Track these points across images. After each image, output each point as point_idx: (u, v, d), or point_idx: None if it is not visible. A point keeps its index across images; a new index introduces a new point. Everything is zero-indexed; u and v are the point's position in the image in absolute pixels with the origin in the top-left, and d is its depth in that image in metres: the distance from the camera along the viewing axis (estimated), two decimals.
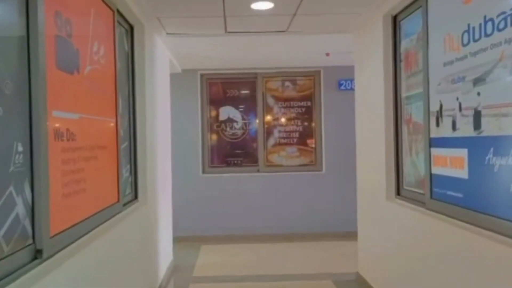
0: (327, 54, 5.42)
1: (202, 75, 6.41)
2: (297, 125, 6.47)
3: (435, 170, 2.81)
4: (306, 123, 6.48)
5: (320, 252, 5.74)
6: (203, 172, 6.38)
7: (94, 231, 2.37)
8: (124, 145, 3.31)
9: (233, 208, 6.30)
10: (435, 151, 2.82)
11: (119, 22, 3.16)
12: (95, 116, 2.52)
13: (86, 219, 2.32)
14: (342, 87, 6.28)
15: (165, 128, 4.95)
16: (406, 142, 3.34)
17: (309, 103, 6.45)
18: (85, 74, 2.35)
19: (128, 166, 3.46)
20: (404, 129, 3.36)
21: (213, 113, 6.48)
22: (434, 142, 2.83)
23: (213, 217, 6.30)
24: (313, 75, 6.42)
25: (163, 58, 4.94)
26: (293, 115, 6.47)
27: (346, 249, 5.72)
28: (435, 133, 2.80)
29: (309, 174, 6.37)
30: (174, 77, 6.21)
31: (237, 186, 6.31)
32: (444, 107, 2.69)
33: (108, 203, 2.74)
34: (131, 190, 3.52)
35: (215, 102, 6.46)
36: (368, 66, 3.99)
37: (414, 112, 3.18)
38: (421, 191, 3.07)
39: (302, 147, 6.49)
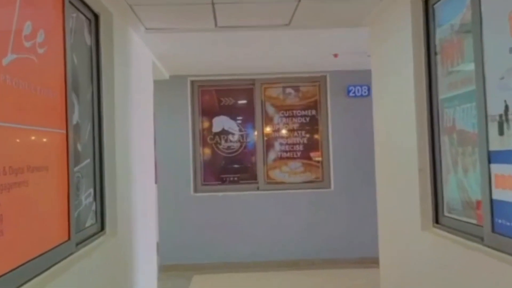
0: (335, 55, 4.71)
1: (192, 82, 5.69)
2: (301, 137, 5.73)
3: (498, 194, 2.07)
4: (311, 135, 5.74)
5: (332, 282, 4.95)
6: (195, 191, 5.62)
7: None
8: (83, 164, 2.57)
9: (230, 231, 5.53)
10: (497, 168, 2.07)
11: (74, 6, 2.44)
12: (23, 125, 1.78)
13: (3, 275, 1.57)
14: (351, 94, 5.56)
15: (146, 141, 4.20)
16: (447, 157, 2.59)
17: (314, 112, 5.72)
18: (2, 65, 1.62)
19: (91, 191, 2.71)
20: (445, 140, 2.62)
21: (206, 124, 5.74)
22: (495, 157, 2.08)
23: (207, 242, 5.51)
24: (318, 81, 5.70)
25: (144, 61, 4.22)
26: (296, 125, 5.73)
27: (362, 278, 4.93)
28: (497, 144, 2.06)
29: (316, 192, 5.61)
30: (160, 84, 5.50)
31: (234, 206, 5.55)
32: (511, 109, 1.96)
33: (49, 245, 1.98)
34: (96, 221, 2.76)
35: (208, 112, 5.73)
36: (391, 64, 3.26)
37: (459, 117, 2.44)
38: (474, 221, 2.32)
39: (307, 161, 5.74)
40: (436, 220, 2.70)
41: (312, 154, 5.74)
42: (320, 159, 5.71)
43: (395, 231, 3.28)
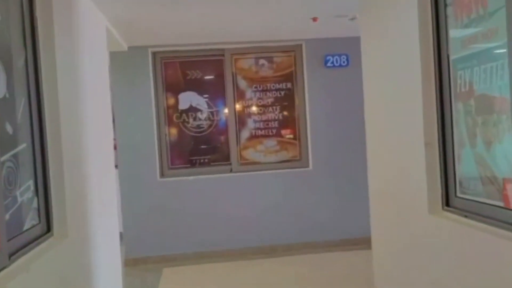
0: (314, 19, 4.23)
1: (154, 54, 5.08)
2: (276, 113, 5.27)
3: None
4: (286, 110, 5.29)
5: (316, 267, 4.60)
6: (162, 175, 5.09)
7: None
8: (17, 151, 2.01)
9: (201, 218, 5.06)
10: None
11: None
12: None
13: None
14: (329, 64, 5.13)
15: (103, 121, 3.63)
16: (462, 128, 2.20)
17: (289, 85, 5.26)
18: None
19: (30, 184, 2.16)
20: (458, 108, 2.22)
21: (171, 101, 5.17)
22: None
23: (177, 232, 5.03)
24: (293, 50, 5.23)
25: (97, 26, 3.61)
26: (270, 100, 5.26)
27: (347, 261, 4.61)
28: None
29: (293, 172, 5.20)
30: (118, 56, 4.89)
31: (205, 191, 5.07)
32: None
33: None
34: (39, 221, 2.22)
35: (173, 87, 5.16)
36: (389, 22, 2.83)
37: (479, 80, 2.04)
38: (499, 203, 1.95)
39: (282, 139, 5.31)
40: (447, 203, 2.34)
41: (286, 132, 5.30)
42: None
43: (394, 215, 2.91)
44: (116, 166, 5.07)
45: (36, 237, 2.12)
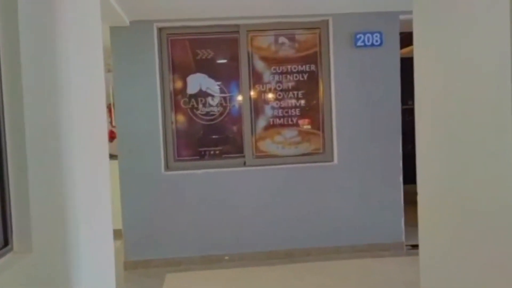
0: None
1: (160, 30, 4.47)
2: (297, 99, 4.63)
3: None
4: (310, 96, 4.65)
5: (340, 276, 3.99)
6: (167, 168, 4.51)
7: None
8: None
9: (211, 218, 4.49)
10: None
11: None
12: None
13: None
14: (360, 43, 4.45)
15: (93, 107, 3.02)
16: None
17: (313, 67, 4.60)
18: None
19: None
20: None
21: (179, 84, 4.57)
22: None
23: (183, 232, 4.47)
24: (318, 27, 4.56)
25: None
26: (291, 84, 4.62)
27: (376, 270, 3.99)
28: None
29: (316, 167, 4.57)
30: (119, 32, 4.30)
31: (216, 186, 4.48)
32: None
33: None
34: None
35: (181, 68, 4.55)
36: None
37: None
38: None
39: (304, 129, 4.67)
40: None
41: (308, 121, 4.65)
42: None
43: (459, 225, 2.27)
44: (115, 157, 4.50)
45: None
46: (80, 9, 2.76)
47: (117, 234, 4.54)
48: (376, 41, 4.44)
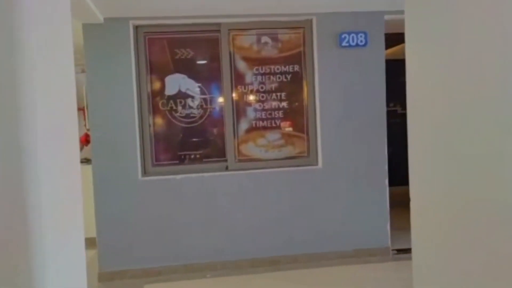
0: None
1: (136, 28, 4.25)
2: (280, 100, 4.47)
3: None
4: (293, 98, 4.49)
5: (327, 284, 3.85)
6: (144, 173, 4.29)
7: None
8: None
9: (191, 225, 4.28)
10: None
11: None
12: None
13: None
14: (345, 43, 4.33)
15: (63, 111, 2.79)
16: None
17: (297, 68, 4.46)
18: None
19: None
20: None
21: (157, 85, 4.35)
22: None
23: (161, 241, 4.25)
24: (302, 27, 4.42)
25: None
26: (274, 85, 4.46)
27: (364, 276, 3.85)
28: None
29: (300, 171, 4.42)
30: (91, 30, 4.07)
31: (197, 192, 4.28)
32: None
33: None
34: None
35: (159, 68, 4.34)
36: None
37: None
38: None
39: (288, 132, 4.52)
40: None
41: (292, 123, 4.51)
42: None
43: (456, 230, 2.13)
44: (88, 161, 4.25)
45: None
46: (47, 2, 2.53)
47: (91, 242, 4.29)
48: (361, 41, 4.32)
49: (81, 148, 5.27)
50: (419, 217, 2.53)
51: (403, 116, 7.56)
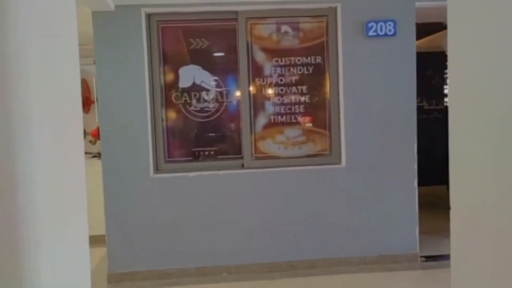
0: None
1: (149, 16, 4.02)
2: (301, 94, 4.18)
3: None
4: (315, 91, 4.20)
5: None
6: (156, 170, 4.07)
7: None
8: None
9: (205, 225, 4.05)
10: None
11: None
12: None
13: None
14: (372, 33, 4.01)
15: (65, 103, 2.58)
16: None
17: (319, 59, 4.16)
18: None
19: None
20: None
21: (170, 76, 4.12)
22: None
23: (174, 241, 4.03)
24: (325, 15, 4.11)
25: None
26: (295, 78, 4.17)
27: (388, 285, 3.55)
28: None
29: (321, 170, 4.13)
30: (102, 18, 3.85)
31: (211, 190, 4.04)
32: None
33: None
34: None
35: (173, 59, 4.10)
36: None
37: None
38: None
39: (309, 128, 4.23)
40: None
41: (313, 119, 4.21)
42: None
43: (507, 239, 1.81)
44: (99, 155, 4.06)
45: None
46: None
47: (100, 240, 4.11)
48: (390, 30, 3.99)
49: (94, 142, 5.11)
50: (459, 225, 2.21)
51: (430, 112, 7.16)
